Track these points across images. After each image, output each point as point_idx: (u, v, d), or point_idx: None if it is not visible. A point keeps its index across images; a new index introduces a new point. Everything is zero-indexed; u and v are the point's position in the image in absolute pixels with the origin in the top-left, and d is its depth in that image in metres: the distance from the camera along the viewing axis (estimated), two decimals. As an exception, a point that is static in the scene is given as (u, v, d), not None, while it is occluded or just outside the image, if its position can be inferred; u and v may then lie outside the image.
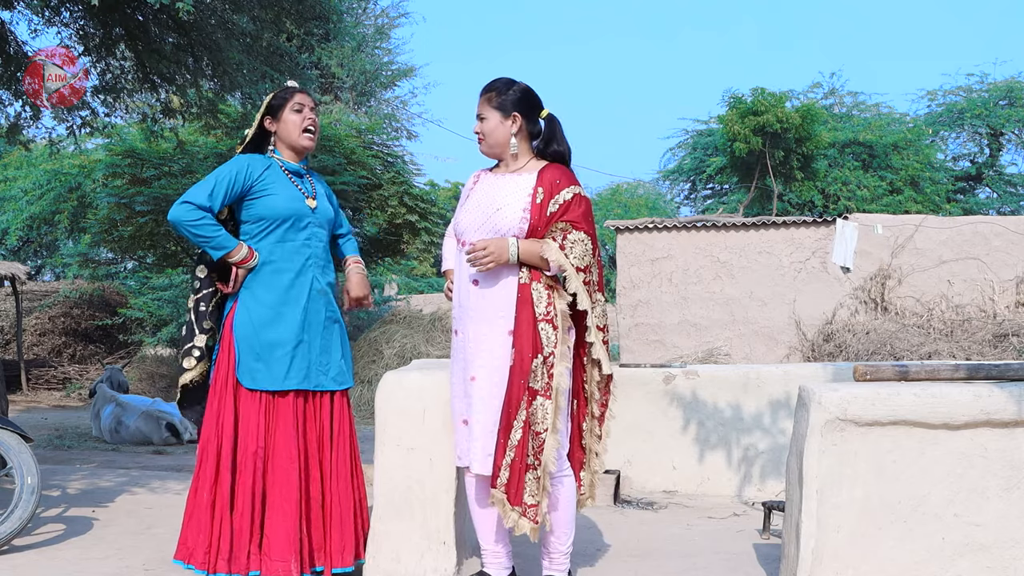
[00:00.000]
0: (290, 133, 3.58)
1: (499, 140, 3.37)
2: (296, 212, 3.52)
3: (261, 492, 3.39)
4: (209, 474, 3.39)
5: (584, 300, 3.26)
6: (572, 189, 3.32)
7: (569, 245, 3.24)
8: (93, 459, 7.65)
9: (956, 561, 3.19)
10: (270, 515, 3.38)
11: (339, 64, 19.71)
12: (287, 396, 3.44)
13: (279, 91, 3.63)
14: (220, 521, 3.36)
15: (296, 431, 3.43)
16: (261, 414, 3.41)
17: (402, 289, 21.11)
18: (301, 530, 3.39)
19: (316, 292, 3.54)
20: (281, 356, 3.43)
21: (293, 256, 3.51)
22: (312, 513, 3.45)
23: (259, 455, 3.39)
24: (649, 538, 4.43)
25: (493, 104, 3.36)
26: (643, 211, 25.83)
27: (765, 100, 17.61)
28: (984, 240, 11.64)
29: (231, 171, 3.47)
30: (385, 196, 11.92)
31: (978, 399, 3.15)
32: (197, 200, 3.39)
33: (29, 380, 15.08)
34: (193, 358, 3.55)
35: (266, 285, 3.48)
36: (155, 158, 10.81)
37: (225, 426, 3.41)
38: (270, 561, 3.34)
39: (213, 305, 3.58)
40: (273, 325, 3.45)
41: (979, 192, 23.60)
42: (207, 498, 3.38)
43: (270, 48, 7.07)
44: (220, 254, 3.43)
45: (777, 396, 5.42)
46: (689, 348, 12.12)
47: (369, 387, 11.13)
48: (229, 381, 3.44)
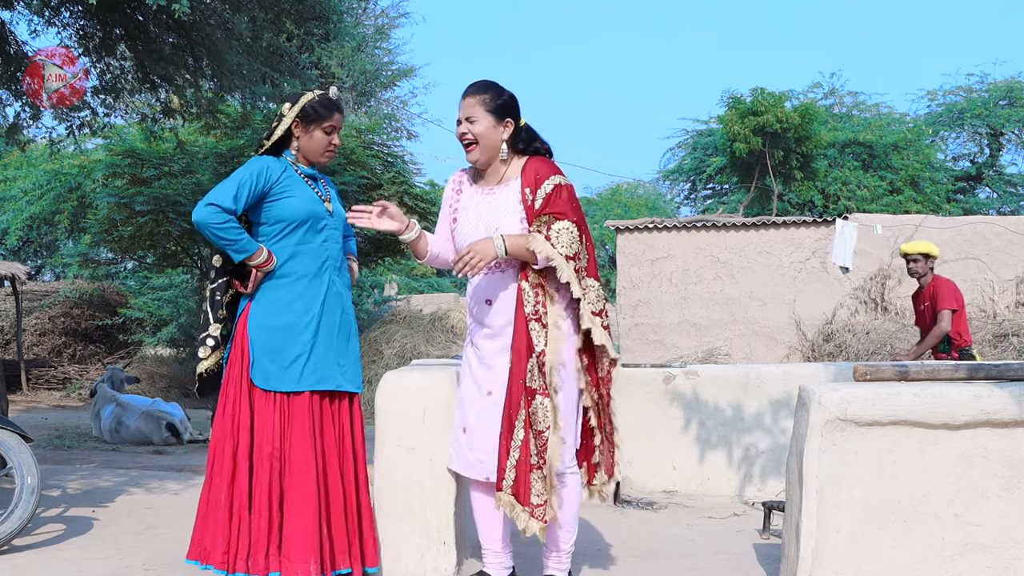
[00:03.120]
0: (314, 150, 3.56)
1: (493, 145, 3.35)
2: (314, 214, 3.51)
3: (279, 493, 3.38)
4: (226, 474, 3.38)
5: (576, 289, 3.25)
6: (552, 180, 3.31)
7: (555, 235, 3.23)
8: (93, 459, 7.65)
9: (956, 561, 3.19)
10: (288, 516, 3.37)
11: (339, 64, 19.70)
12: (302, 397, 3.43)
13: (320, 104, 3.53)
14: (239, 521, 3.35)
15: (313, 432, 3.42)
16: (276, 415, 3.40)
17: (402, 289, 21.12)
18: (321, 532, 3.38)
19: (333, 295, 3.54)
20: (296, 358, 3.42)
21: (311, 258, 3.51)
22: (333, 515, 3.44)
23: (275, 456, 3.38)
24: (649, 538, 4.43)
25: (487, 107, 3.33)
26: (643, 211, 25.84)
27: (765, 100, 17.62)
28: (984, 240, 11.64)
29: (252, 173, 3.44)
30: (385, 196, 11.92)
31: (978, 399, 3.15)
32: (223, 203, 3.37)
33: (29, 380, 15.08)
34: (208, 347, 3.55)
35: (283, 287, 3.47)
36: (155, 158, 10.81)
37: (242, 426, 3.41)
38: (289, 563, 3.33)
39: (229, 296, 3.58)
40: (289, 327, 3.44)
41: (979, 192, 23.60)
42: (225, 498, 3.37)
43: (270, 48, 7.07)
44: (242, 257, 3.42)
45: (777, 396, 5.42)
46: (689, 348, 12.12)
47: (369, 387, 11.12)
48: (244, 381, 3.44)
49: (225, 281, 3.56)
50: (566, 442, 3.28)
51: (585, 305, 3.29)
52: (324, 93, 3.59)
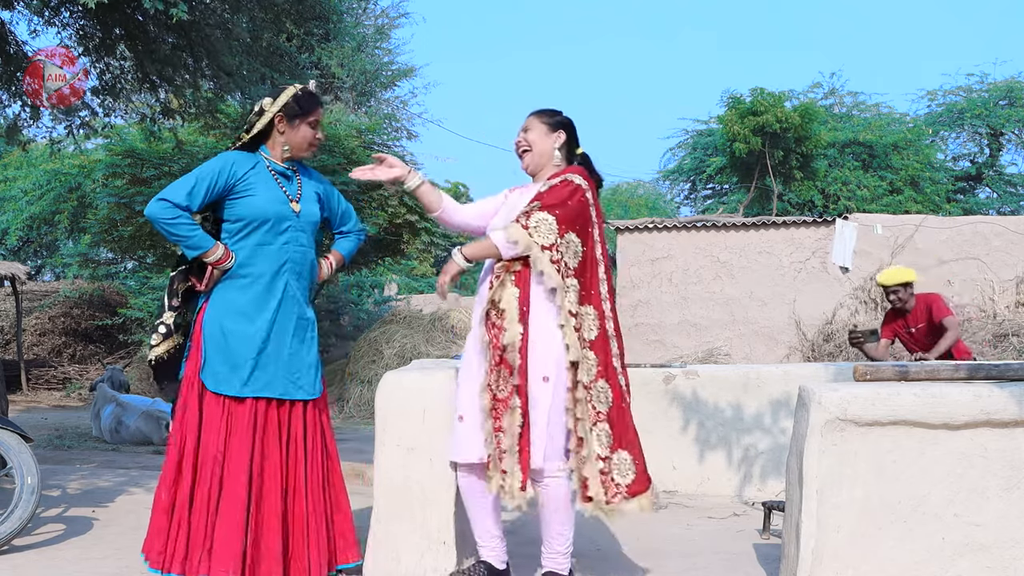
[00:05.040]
0: (299, 144, 3.55)
1: (544, 151, 3.44)
2: (276, 214, 3.46)
3: (216, 497, 3.33)
4: (171, 473, 3.37)
5: (553, 278, 3.26)
6: (564, 176, 3.36)
7: (533, 223, 3.26)
8: (93, 459, 7.65)
9: (956, 561, 3.19)
10: (218, 522, 3.32)
11: (339, 64, 19.69)
12: (245, 403, 3.38)
13: (303, 98, 3.52)
14: (178, 522, 3.33)
15: (252, 440, 3.36)
16: (222, 418, 3.36)
17: (402, 289, 21.11)
18: (246, 540, 3.31)
19: (288, 298, 3.48)
20: (244, 362, 3.37)
21: (270, 260, 3.46)
22: (265, 523, 3.36)
23: (218, 460, 3.33)
24: (649, 538, 4.43)
25: (541, 120, 3.48)
26: (643, 211, 25.85)
27: (765, 100, 17.61)
28: (984, 240, 11.64)
29: (213, 170, 3.41)
30: (385, 196, 11.91)
31: (978, 399, 3.15)
32: (175, 198, 3.34)
33: (29, 380, 15.08)
34: (159, 334, 3.52)
35: (239, 288, 3.43)
36: (155, 158, 10.80)
37: (189, 426, 3.38)
38: (215, 567, 3.28)
39: (184, 286, 3.55)
40: (240, 329, 3.40)
41: (979, 192, 23.58)
42: (166, 498, 3.36)
43: (269, 49, 7.07)
44: (195, 253, 3.39)
45: (777, 396, 5.42)
46: (689, 348, 12.12)
47: (369, 387, 11.12)
48: (195, 381, 3.41)
49: (183, 270, 3.54)
50: (553, 439, 3.26)
51: (564, 300, 3.29)
52: (305, 87, 3.58)
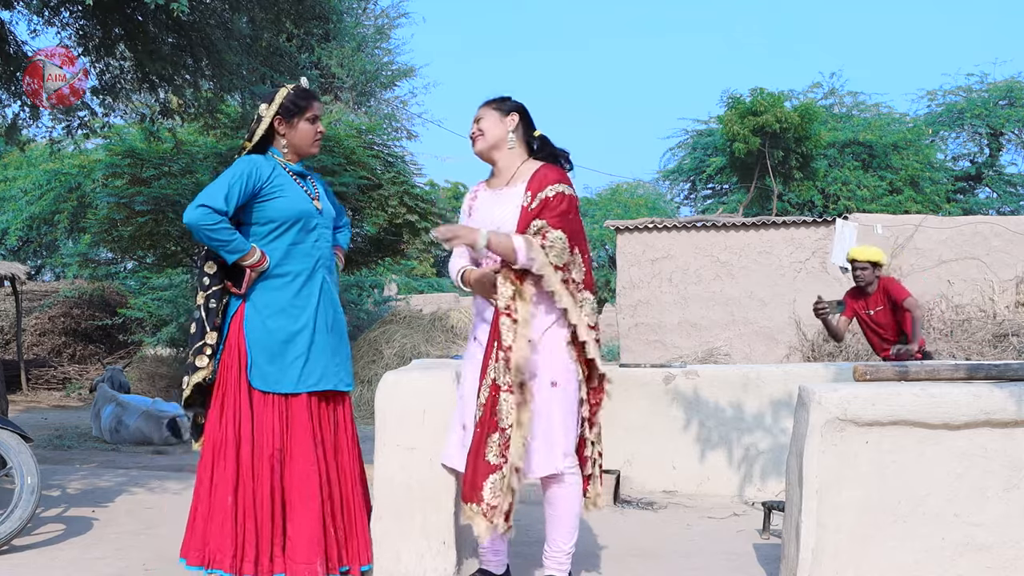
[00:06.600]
0: (303, 141, 3.57)
1: (497, 136, 3.43)
2: (306, 213, 3.51)
3: (280, 494, 3.38)
4: (229, 477, 3.37)
5: (564, 299, 3.27)
6: (555, 187, 3.34)
7: (549, 244, 3.25)
8: (93, 459, 7.65)
9: (956, 561, 3.19)
10: (292, 518, 3.37)
11: (339, 64, 19.70)
12: (300, 398, 3.44)
13: (297, 96, 3.55)
14: (244, 524, 3.35)
15: (313, 432, 3.44)
16: (276, 416, 3.41)
17: (402, 289, 21.13)
18: (326, 532, 3.39)
19: (326, 293, 3.55)
20: (295, 359, 3.43)
21: (304, 258, 3.51)
22: (335, 513, 3.46)
23: (276, 457, 3.38)
24: (649, 538, 4.43)
25: (492, 107, 3.47)
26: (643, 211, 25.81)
27: (764, 100, 17.61)
28: (984, 240, 11.64)
29: (243, 174, 3.42)
30: (385, 196, 11.92)
31: (978, 399, 3.15)
32: (214, 204, 3.34)
33: (29, 380, 15.07)
34: (206, 356, 3.50)
35: (277, 287, 3.47)
36: (155, 158, 10.80)
37: (243, 429, 3.40)
38: (295, 564, 3.33)
39: (224, 303, 3.55)
40: (286, 328, 3.44)
41: (979, 192, 23.58)
42: (230, 501, 3.36)
43: (269, 48, 7.07)
44: (235, 257, 3.41)
45: (777, 396, 5.42)
46: (689, 348, 12.12)
47: (369, 387, 11.12)
48: (242, 384, 3.43)
49: (220, 288, 3.52)
50: (555, 442, 3.27)
51: (581, 317, 3.30)
52: (298, 85, 3.60)
